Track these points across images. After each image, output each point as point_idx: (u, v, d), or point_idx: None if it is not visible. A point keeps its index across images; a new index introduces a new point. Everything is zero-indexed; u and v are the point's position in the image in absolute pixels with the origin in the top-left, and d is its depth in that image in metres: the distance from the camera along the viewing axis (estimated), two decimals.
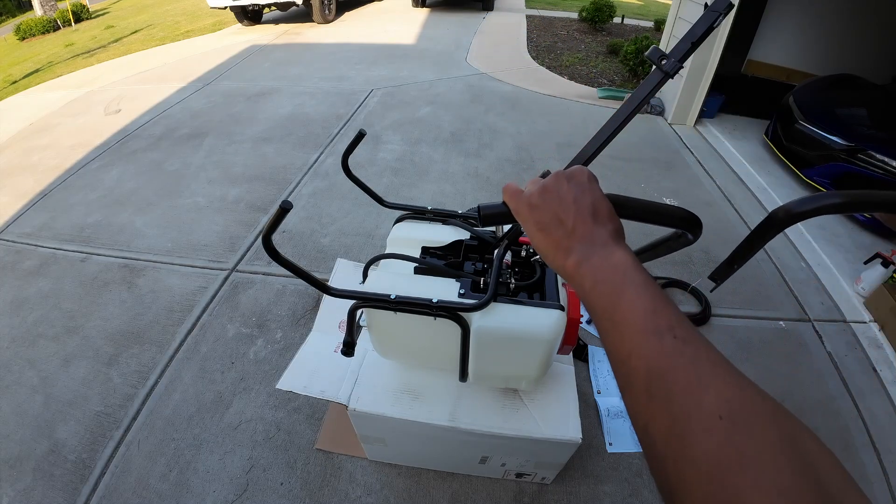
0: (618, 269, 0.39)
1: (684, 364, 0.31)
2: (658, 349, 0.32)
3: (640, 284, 0.37)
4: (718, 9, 0.59)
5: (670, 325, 0.33)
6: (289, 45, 6.06)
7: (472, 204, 2.69)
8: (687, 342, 0.32)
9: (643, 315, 0.35)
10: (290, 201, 0.63)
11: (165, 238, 2.46)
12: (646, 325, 0.34)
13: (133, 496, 1.40)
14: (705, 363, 0.31)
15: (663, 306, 0.35)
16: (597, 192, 0.46)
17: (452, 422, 1.11)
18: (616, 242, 0.42)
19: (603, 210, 0.44)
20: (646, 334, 0.34)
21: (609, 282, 0.39)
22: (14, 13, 14.13)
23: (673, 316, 0.34)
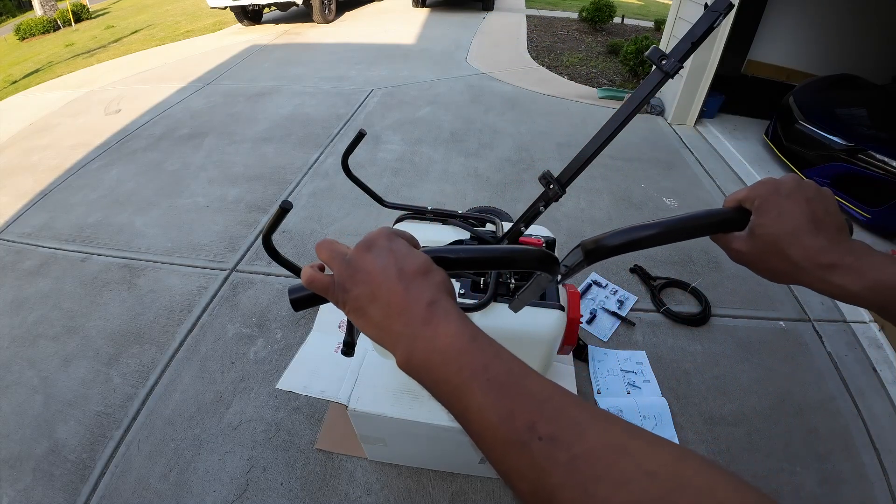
0: (449, 359, 0.32)
1: (562, 475, 0.26)
2: (530, 464, 0.28)
3: (478, 375, 0.31)
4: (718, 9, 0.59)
5: (530, 425, 0.28)
6: (289, 45, 6.06)
7: (473, 204, 2.69)
8: (556, 440, 0.27)
9: (498, 423, 0.29)
10: (290, 201, 0.63)
11: (165, 238, 2.46)
12: (506, 434, 0.29)
13: (133, 496, 1.40)
14: (584, 463, 0.26)
15: (516, 399, 0.29)
16: (399, 249, 0.37)
17: (452, 422, 1.10)
18: (439, 308, 0.34)
19: (411, 268, 0.36)
20: (510, 447, 0.28)
21: (447, 381, 0.32)
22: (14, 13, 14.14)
23: (531, 407, 0.29)
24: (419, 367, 0.33)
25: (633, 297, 2.05)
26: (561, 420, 0.28)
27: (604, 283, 2.13)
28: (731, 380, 1.75)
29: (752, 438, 1.56)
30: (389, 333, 0.35)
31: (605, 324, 1.93)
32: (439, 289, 0.36)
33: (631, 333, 1.91)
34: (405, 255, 0.37)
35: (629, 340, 1.88)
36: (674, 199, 2.79)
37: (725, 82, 3.82)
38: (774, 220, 0.44)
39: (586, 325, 1.92)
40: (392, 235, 0.39)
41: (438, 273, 0.37)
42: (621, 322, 1.94)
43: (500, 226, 1.10)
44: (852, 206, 2.60)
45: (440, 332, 0.33)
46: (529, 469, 0.28)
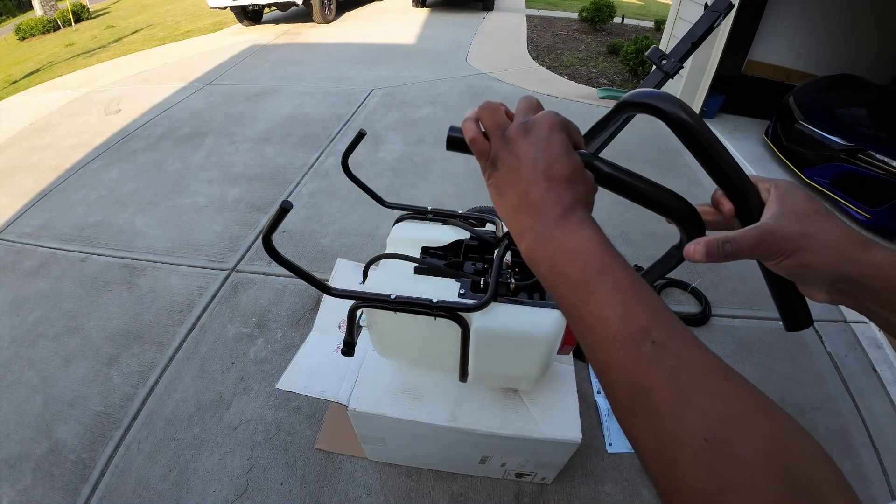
0: (576, 258, 0.33)
1: (665, 377, 0.28)
2: (635, 360, 0.29)
3: (606, 275, 0.32)
4: (718, 9, 0.59)
5: (646, 329, 0.29)
6: (289, 45, 6.06)
7: (473, 204, 2.68)
8: (666, 348, 0.29)
9: (615, 318, 0.30)
10: (290, 201, 0.63)
11: (165, 238, 2.46)
12: (619, 330, 0.30)
13: (133, 496, 1.40)
14: (688, 373, 0.28)
15: (637, 303, 0.31)
16: (556, 146, 0.36)
17: (452, 422, 1.10)
18: (574, 216, 0.35)
19: (560, 171, 0.36)
20: (620, 342, 0.30)
21: (569, 275, 0.33)
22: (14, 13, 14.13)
23: (649, 314, 0.30)
24: (539, 261, 0.35)
25: None
26: (674, 333, 0.30)
27: None
28: None
29: None
30: (518, 222, 0.37)
31: None
32: (578, 199, 0.36)
33: None
34: (558, 155, 0.36)
35: None
36: None
37: (725, 82, 3.82)
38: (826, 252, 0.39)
39: None
40: (554, 126, 0.37)
41: (584, 183, 0.37)
42: None
43: (500, 226, 1.10)
44: (852, 206, 2.60)
45: (573, 233, 0.34)
46: (633, 365, 0.29)
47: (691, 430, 0.26)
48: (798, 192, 0.41)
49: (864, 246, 0.38)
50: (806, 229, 0.38)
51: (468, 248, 1.09)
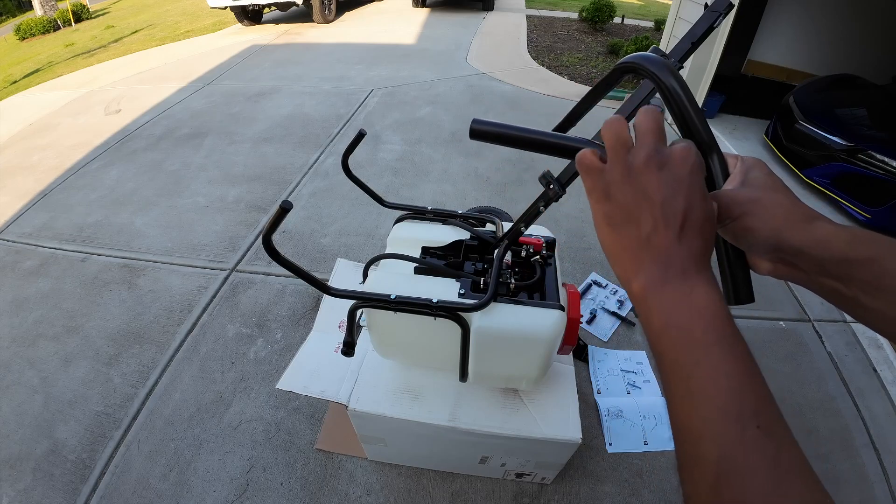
0: (701, 316, 0.32)
1: (764, 464, 0.27)
2: (737, 440, 0.28)
3: (727, 345, 0.31)
4: (718, 9, 0.59)
5: (756, 411, 0.28)
6: (289, 45, 6.06)
7: (473, 204, 2.69)
8: (771, 435, 0.28)
9: (727, 392, 0.29)
10: (290, 201, 0.63)
11: (165, 238, 2.46)
12: (728, 405, 0.29)
13: (133, 496, 1.40)
14: (787, 464, 0.27)
15: (751, 381, 0.30)
16: (696, 191, 0.34)
17: (452, 422, 1.10)
18: (700, 272, 0.33)
19: (696, 220, 0.33)
20: (726, 418, 0.28)
21: (687, 331, 0.32)
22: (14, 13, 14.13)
23: (760, 396, 0.29)
24: (655, 307, 0.33)
25: None
26: (778, 423, 0.29)
27: (604, 283, 2.13)
28: None
29: None
30: (634, 262, 0.34)
31: (605, 324, 1.93)
32: (707, 251, 0.34)
33: (631, 333, 1.91)
34: (699, 201, 0.34)
35: (629, 340, 1.88)
36: None
37: (725, 82, 3.82)
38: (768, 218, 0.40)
39: (586, 325, 1.92)
40: (695, 168, 0.34)
41: (712, 238, 0.35)
42: (621, 322, 1.94)
43: (500, 226, 1.10)
44: (852, 206, 2.60)
45: (699, 289, 0.32)
46: (734, 443, 0.28)
47: None
48: (761, 166, 0.43)
49: (810, 219, 0.38)
50: (755, 196, 0.40)
51: (468, 248, 1.09)
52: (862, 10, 3.86)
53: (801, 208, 0.39)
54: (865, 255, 0.35)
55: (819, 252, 0.37)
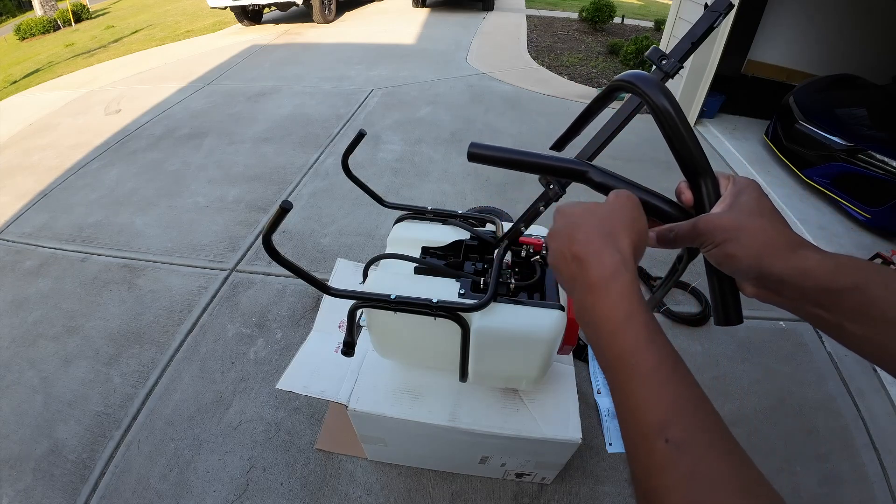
0: (599, 332, 0.34)
1: (676, 482, 0.26)
2: (647, 460, 0.28)
3: (626, 359, 0.31)
4: (718, 9, 0.59)
5: (662, 425, 0.28)
6: (289, 45, 6.06)
7: (473, 204, 2.69)
8: (681, 449, 0.27)
9: (631, 410, 0.30)
10: (290, 201, 0.63)
11: (165, 238, 2.46)
12: (635, 423, 0.29)
13: (133, 496, 1.40)
14: (701, 479, 0.26)
15: (655, 393, 0.29)
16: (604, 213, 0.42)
17: (452, 422, 1.10)
18: (610, 283, 0.36)
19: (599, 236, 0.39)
20: (636, 436, 0.29)
21: (594, 346, 0.34)
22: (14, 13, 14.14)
23: (668, 406, 0.28)
24: (585, 330, 0.38)
25: None
26: (697, 431, 0.28)
27: None
28: (731, 380, 1.74)
29: (752, 438, 1.56)
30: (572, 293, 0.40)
31: None
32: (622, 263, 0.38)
33: None
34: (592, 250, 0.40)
35: None
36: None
37: (725, 82, 3.82)
38: (750, 244, 0.40)
39: None
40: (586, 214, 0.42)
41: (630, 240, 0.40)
42: None
43: (500, 226, 1.10)
44: (852, 206, 2.60)
45: (604, 301, 0.36)
46: (645, 461, 0.28)
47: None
48: (752, 190, 0.43)
49: (794, 247, 0.38)
50: (741, 223, 0.40)
51: (468, 248, 1.09)
52: (862, 10, 3.86)
53: (785, 236, 0.39)
54: (850, 284, 0.35)
55: (801, 281, 0.37)
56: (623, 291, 0.35)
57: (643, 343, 0.32)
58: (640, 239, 0.40)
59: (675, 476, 0.26)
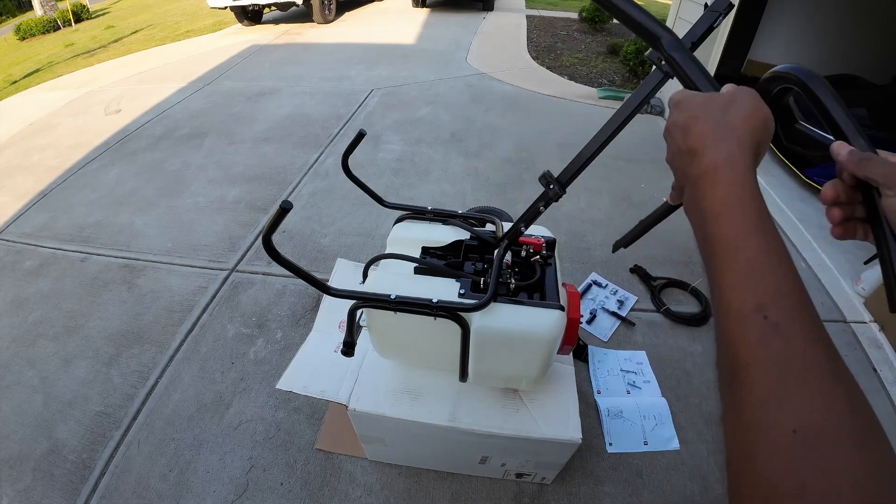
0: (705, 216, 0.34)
1: (768, 362, 0.26)
2: (742, 335, 0.28)
3: (730, 241, 0.32)
4: (718, 9, 0.59)
5: (761, 304, 0.28)
6: (289, 45, 6.06)
7: (473, 204, 2.69)
8: (778, 329, 0.27)
9: (731, 289, 0.30)
10: (290, 201, 0.63)
11: (165, 238, 2.46)
12: (733, 302, 0.29)
13: (133, 496, 1.40)
14: (794, 363, 0.26)
15: (757, 275, 0.29)
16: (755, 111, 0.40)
17: (452, 422, 1.10)
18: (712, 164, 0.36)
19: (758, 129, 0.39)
20: (732, 315, 0.29)
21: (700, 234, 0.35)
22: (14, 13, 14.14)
23: (769, 288, 0.29)
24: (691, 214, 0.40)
25: (633, 297, 2.05)
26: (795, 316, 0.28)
27: (604, 283, 2.13)
28: None
29: None
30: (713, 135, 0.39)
31: (605, 324, 1.93)
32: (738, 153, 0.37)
33: (631, 333, 1.91)
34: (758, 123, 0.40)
35: (629, 340, 1.88)
36: None
37: (725, 82, 3.80)
38: None
39: (586, 325, 1.92)
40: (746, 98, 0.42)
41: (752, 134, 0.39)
42: (621, 322, 1.94)
43: (500, 226, 1.10)
44: None
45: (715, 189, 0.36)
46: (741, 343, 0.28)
47: (781, 422, 0.24)
48: None
49: None
50: None
51: (468, 248, 1.09)
52: (862, 10, 3.86)
53: None
54: None
55: None
56: (736, 179, 0.35)
57: (753, 227, 0.32)
58: (762, 131, 0.39)
59: (769, 352, 0.27)
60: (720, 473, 1.46)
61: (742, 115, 0.39)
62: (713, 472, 1.46)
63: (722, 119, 0.39)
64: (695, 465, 1.48)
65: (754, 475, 0.25)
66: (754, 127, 0.38)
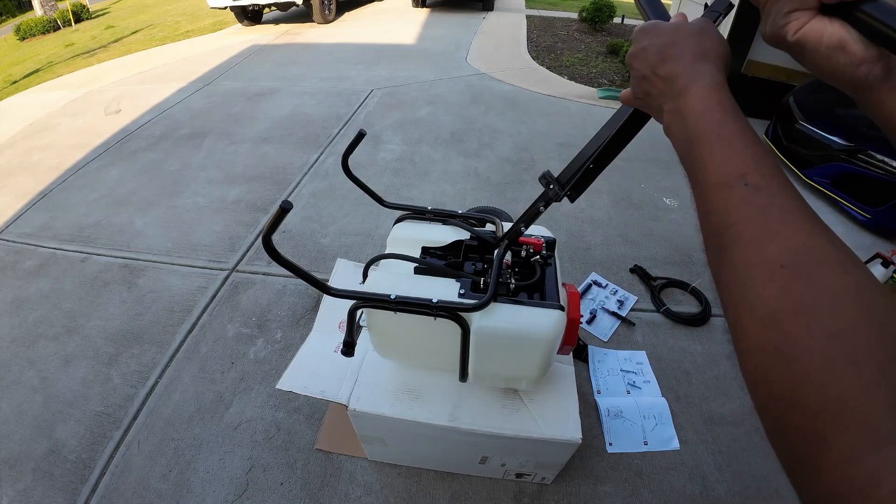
0: (693, 123, 0.38)
1: (752, 214, 0.30)
2: (727, 202, 0.32)
3: (714, 131, 0.36)
4: (718, 9, 0.59)
5: (742, 174, 0.32)
6: (289, 45, 6.06)
7: (473, 204, 2.69)
8: (759, 190, 0.31)
9: (715, 168, 0.34)
10: (290, 201, 0.63)
11: (165, 238, 2.46)
12: (717, 177, 0.34)
13: (133, 496, 1.40)
14: (776, 211, 0.30)
15: (737, 151, 0.34)
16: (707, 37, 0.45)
17: (452, 422, 1.11)
18: (694, 79, 0.41)
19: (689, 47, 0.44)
20: (717, 188, 0.33)
21: (689, 140, 0.38)
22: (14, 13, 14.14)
23: (748, 160, 0.33)
24: (669, 126, 0.43)
25: (633, 297, 2.05)
26: (772, 179, 0.32)
27: (604, 283, 2.13)
28: (731, 380, 1.74)
29: (752, 438, 1.56)
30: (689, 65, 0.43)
31: (605, 324, 1.93)
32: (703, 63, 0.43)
33: (631, 333, 1.91)
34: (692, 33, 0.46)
35: (629, 340, 1.88)
36: (674, 199, 2.79)
37: None
38: None
39: (586, 325, 1.92)
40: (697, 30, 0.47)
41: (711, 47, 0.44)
42: (621, 322, 1.94)
43: (500, 226, 1.10)
44: (852, 206, 2.60)
45: (687, 97, 0.41)
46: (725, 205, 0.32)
47: (770, 256, 0.28)
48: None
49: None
50: None
51: (468, 248, 1.09)
52: None
53: None
54: None
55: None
56: (716, 87, 0.40)
57: (732, 118, 0.37)
58: (726, 56, 0.45)
59: (753, 207, 0.31)
60: (720, 473, 1.46)
61: (715, 41, 0.45)
62: (713, 472, 1.46)
63: (699, 44, 0.44)
64: (695, 465, 1.48)
65: (751, 302, 0.27)
66: (725, 52, 0.45)
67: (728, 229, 0.31)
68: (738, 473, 1.46)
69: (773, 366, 0.25)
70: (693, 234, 2.45)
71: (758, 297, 0.27)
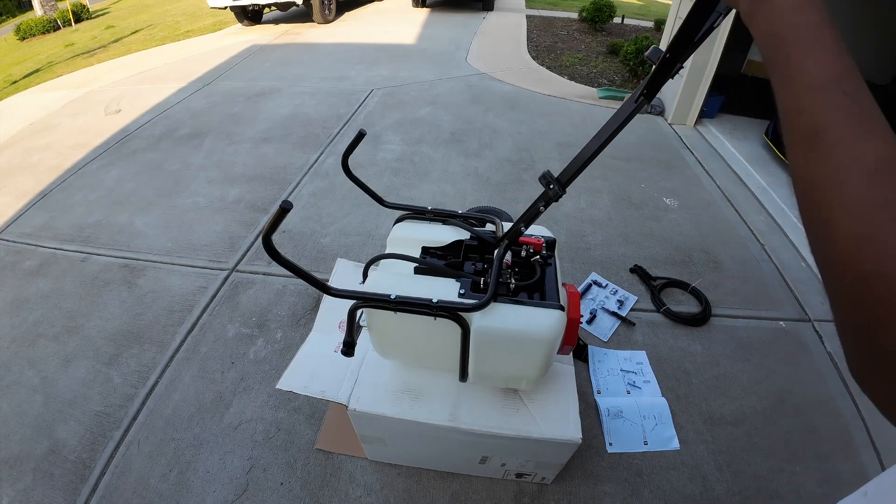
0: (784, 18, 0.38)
1: (846, 120, 0.32)
2: (824, 104, 0.33)
3: (809, 32, 0.37)
4: (718, 9, 0.59)
5: (838, 79, 0.34)
6: (289, 45, 6.06)
7: (473, 204, 2.69)
8: (852, 98, 0.33)
9: (811, 68, 0.35)
10: (290, 201, 0.63)
11: (165, 238, 2.46)
12: (812, 78, 0.35)
13: (133, 496, 1.40)
14: (867, 121, 0.32)
15: (833, 56, 0.35)
16: None
17: (452, 422, 1.11)
18: None
19: None
20: (813, 89, 0.34)
21: (778, 35, 0.38)
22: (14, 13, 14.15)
23: (842, 67, 0.34)
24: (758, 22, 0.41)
25: (633, 297, 2.05)
26: (863, 89, 0.34)
27: (604, 283, 2.13)
28: (731, 380, 1.75)
29: (752, 438, 1.56)
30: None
31: (605, 324, 1.93)
32: None
33: (631, 333, 1.91)
34: None
35: (629, 340, 1.88)
36: (674, 199, 2.79)
37: (725, 82, 3.81)
38: None
39: (586, 325, 1.92)
40: None
41: None
42: (621, 322, 1.94)
43: (500, 226, 1.10)
44: None
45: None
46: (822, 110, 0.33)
47: (863, 161, 0.30)
48: None
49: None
50: None
51: (468, 248, 1.09)
52: (862, 10, 3.86)
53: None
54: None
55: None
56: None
57: (828, 21, 0.37)
58: None
59: (845, 114, 0.32)
60: (720, 473, 1.46)
61: None
62: (713, 472, 1.46)
63: None
64: (695, 465, 1.48)
65: (844, 203, 0.31)
66: None
67: (823, 132, 0.33)
68: (738, 473, 1.46)
69: (862, 248, 0.29)
70: (693, 234, 2.45)
71: (851, 193, 0.30)
